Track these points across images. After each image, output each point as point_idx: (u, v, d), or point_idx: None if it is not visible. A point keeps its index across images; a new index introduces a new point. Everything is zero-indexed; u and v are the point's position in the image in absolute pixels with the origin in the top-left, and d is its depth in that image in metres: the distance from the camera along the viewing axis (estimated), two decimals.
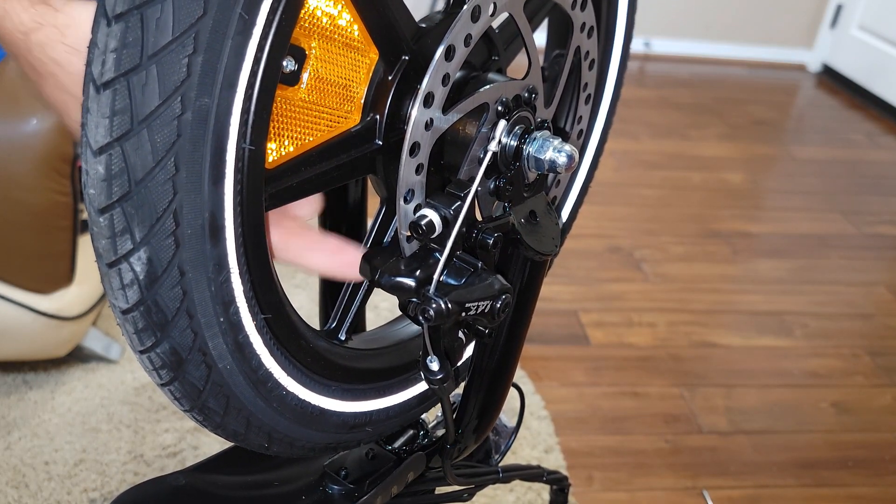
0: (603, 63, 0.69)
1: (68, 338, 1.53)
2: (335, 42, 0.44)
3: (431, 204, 0.48)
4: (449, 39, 0.45)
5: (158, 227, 0.36)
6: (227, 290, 0.40)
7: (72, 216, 1.41)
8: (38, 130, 1.33)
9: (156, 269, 0.37)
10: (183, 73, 0.34)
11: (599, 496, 1.52)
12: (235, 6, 0.35)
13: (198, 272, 0.38)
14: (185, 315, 0.39)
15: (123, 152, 0.34)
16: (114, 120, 0.34)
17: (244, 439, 0.46)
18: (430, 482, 0.67)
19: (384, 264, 0.48)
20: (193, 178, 0.36)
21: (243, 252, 0.40)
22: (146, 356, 0.40)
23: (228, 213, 0.38)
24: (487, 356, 0.59)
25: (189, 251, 0.37)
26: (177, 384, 0.41)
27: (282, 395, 0.46)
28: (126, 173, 0.35)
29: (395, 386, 0.57)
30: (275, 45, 0.38)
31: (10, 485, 1.39)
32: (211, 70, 0.34)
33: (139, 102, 0.34)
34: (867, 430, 1.75)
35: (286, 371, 0.46)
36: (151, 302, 0.38)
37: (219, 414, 0.43)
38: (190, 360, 0.40)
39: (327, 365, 0.49)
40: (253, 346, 0.43)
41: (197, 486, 0.57)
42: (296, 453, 0.50)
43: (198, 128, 0.35)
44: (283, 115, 0.43)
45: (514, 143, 0.50)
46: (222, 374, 0.42)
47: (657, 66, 3.74)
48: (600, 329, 1.96)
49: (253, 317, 0.42)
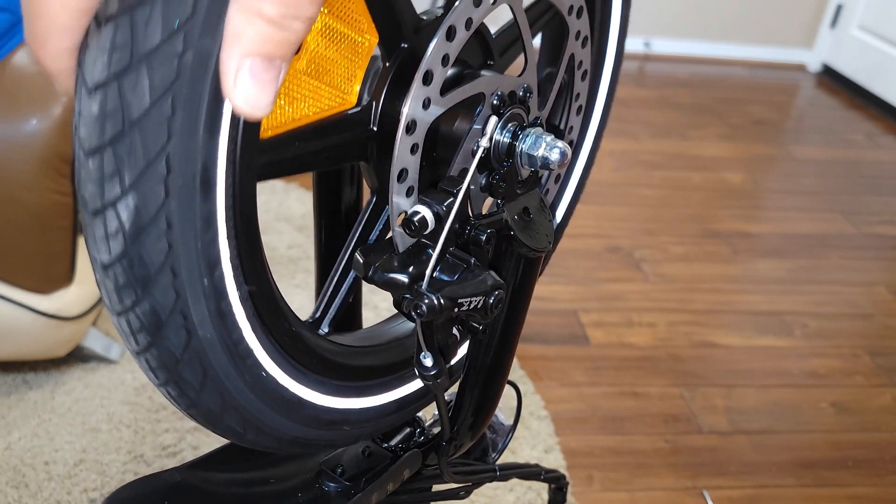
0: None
1: (68, 338, 1.53)
2: (336, 17, 0.45)
3: (424, 200, 0.48)
4: (451, 20, 0.45)
5: (149, 172, 0.35)
6: (214, 251, 0.39)
7: (72, 216, 1.42)
8: (38, 130, 1.34)
9: (142, 218, 0.36)
10: (188, 10, 0.33)
11: (599, 496, 1.52)
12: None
13: (185, 226, 0.37)
14: (169, 272, 0.38)
15: (120, 89, 0.34)
16: (113, 55, 0.33)
17: (218, 420, 0.45)
18: (427, 480, 0.67)
19: (377, 261, 0.48)
20: (189, 122, 0.35)
21: (232, 215, 0.39)
22: (124, 317, 0.39)
23: (221, 169, 0.38)
24: (482, 353, 0.59)
25: (178, 202, 0.36)
26: (154, 351, 0.40)
27: (260, 375, 0.45)
28: (121, 111, 0.34)
29: (374, 388, 0.56)
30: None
31: (10, 485, 1.39)
32: (216, 9, 0.33)
33: (140, 38, 0.33)
34: (867, 430, 1.75)
35: (266, 351, 0.45)
36: (135, 255, 0.37)
37: (194, 388, 0.42)
38: (169, 324, 0.39)
39: (308, 353, 0.49)
40: (235, 317, 0.42)
41: (192, 482, 0.57)
42: (271, 446, 0.49)
43: (198, 69, 0.34)
44: (282, 85, 0.44)
45: (507, 139, 0.51)
46: (202, 342, 0.41)
47: (657, 66, 3.74)
48: (600, 329, 1.96)
49: (237, 285, 0.41)
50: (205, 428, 0.47)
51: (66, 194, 1.39)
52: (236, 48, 0.31)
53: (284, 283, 1.92)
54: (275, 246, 2.09)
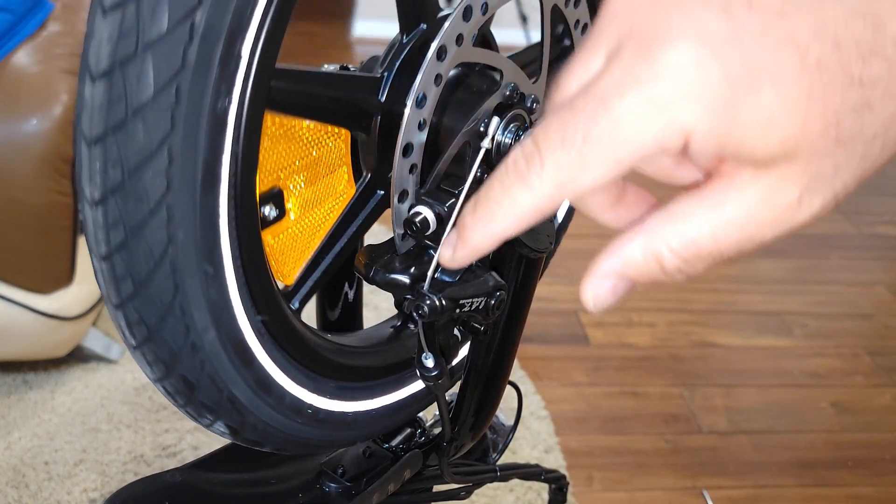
0: None
1: (68, 338, 1.53)
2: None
3: (426, 201, 0.48)
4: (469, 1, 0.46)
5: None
6: (215, 176, 0.40)
7: (72, 216, 1.42)
8: (38, 130, 1.34)
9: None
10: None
11: (599, 496, 1.52)
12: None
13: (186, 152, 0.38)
14: (164, 211, 0.38)
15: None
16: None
17: (196, 393, 0.44)
18: (428, 480, 0.67)
19: (379, 261, 0.48)
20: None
21: (240, 143, 0.40)
22: (108, 262, 0.40)
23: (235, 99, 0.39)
24: (483, 353, 0.59)
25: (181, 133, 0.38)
26: (136, 302, 0.40)
27: (241, 340, 0.45)
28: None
29: (355, 391, 0.56)
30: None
31: (10, 485, 1.39)
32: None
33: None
34: (867, 430, 1.75)
35: (248, 315, 0.45)
36: (130, 189, 0.38)
37: (173, 351, 0.42)
38: (158, 273, 0.39)
39: (284, 325, 0.48)
40: (224, 269, 0.42)
41: (193, 483, 0.57)
42: (246, 431, 0.48)
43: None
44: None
45: (509, 140, 0.51)
46: (186, 292, 0.41)
47: None
48: (600, 329, 1.96)
49: (229, 231, 0.42)
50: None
51: (66, 194, 1.39)
52: (620, 266, 0.31)
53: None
54: None
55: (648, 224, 0.31)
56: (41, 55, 1.42)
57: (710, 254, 0.30)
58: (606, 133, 0.27)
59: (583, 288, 0.32)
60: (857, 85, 0.26)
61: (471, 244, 0.32)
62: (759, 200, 0.28)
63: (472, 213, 0.32)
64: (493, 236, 0.32)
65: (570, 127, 0.28)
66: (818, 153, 0.27)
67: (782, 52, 0.26)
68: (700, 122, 0.26)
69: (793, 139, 0.26)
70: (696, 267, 0.30)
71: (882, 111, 0.26)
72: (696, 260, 0.30)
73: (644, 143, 0.27)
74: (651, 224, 0.31)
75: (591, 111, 0.27)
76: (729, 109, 0.26)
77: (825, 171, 0.27)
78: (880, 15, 0.25)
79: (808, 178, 0.27)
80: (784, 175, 0.27)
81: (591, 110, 0.27)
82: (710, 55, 0.26)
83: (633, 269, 0.31)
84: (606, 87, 0.27)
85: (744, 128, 0.26)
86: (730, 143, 0.27)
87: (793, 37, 0.26)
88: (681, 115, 0.26)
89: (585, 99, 0.28)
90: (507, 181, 0.30)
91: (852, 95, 0.26)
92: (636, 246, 0.31)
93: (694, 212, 0.30)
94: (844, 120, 0.26)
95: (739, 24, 0.26)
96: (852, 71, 0.26)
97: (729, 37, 0.26)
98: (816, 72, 0.26)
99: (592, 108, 0.27)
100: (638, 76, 0.26)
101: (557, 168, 0.28)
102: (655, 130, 0.27)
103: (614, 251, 0.32)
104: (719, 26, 0.26)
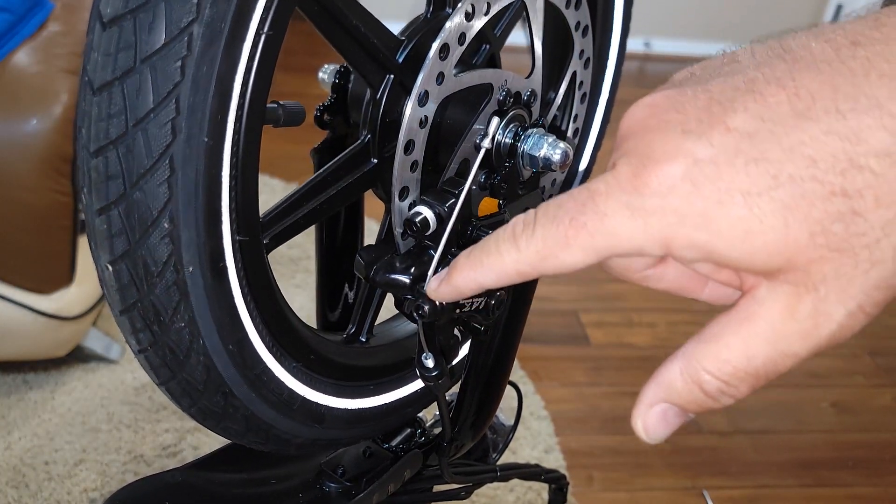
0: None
1: (68, 338, 1.53)
2: None
3: (426, 201, 0.48)
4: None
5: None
6: (218, 154, 0.40)
7: (72, 216, 1.42)
8: (38, 130, 1.34)
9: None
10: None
11: (599, 496, 1.52)
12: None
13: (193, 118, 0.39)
14: (168, 165, 0.38)
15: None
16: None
17: (181, 367, 0.44)
18: (428, 480, 0.67)
19: (379, 262, 0.48)
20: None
21: (239, 138, 0.41)
22: (104, 216, 0.40)
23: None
24: (483, 354, 0.59)
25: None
26: (126, 262, 0.40)
27: (235, 320, 0.45)
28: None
29: (339, 388, 0.56)
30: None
31: (10, 485, 1.39)
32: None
33: None
34: (867, 430, 1.75)
35: (247, 305, 0.45)
36: (131, 137, 0.38)
37: (163, 312, 0.42)
38: (155, 227, 0.39)
39: (279, 316, 0.49)
40: (224, 248, 0.42)
41: (193, 483, 0.57)
42: (233, 420, 0.48)
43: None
44: None
45: (509, 140, 0.51)
46: (180, 254, 0.41)
47: (657, 66, 3.74)
48: (600, 329, 1.96)
49: (229, 217, 0.42)
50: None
51: (66, 194, 1.39)
52: (663, 392, 0.33)
53: (285, 283, 1.92)
54: None
55: (685, 348, 0.32)
56: (41, 55, 1.42)
57: (746, 372, 0.31)
58: (590, 222, 0.31)
59: (632, 417, 0.34)
60: (840, 195, 0.27)
61: (454, 284, 0.36)
62: (781, 312, 0.30)
63: (466, 254, 0.36)
64: (474, 282, 0.36)
65: (562, 208, 0.32)
66: (814, 260, 0.28)
67: (753, 169, 0.28)
68: (676, 232, 0.29)
69: (778, 247, 0.28)
70: (740, 388, 0.31)
71: (875, 218, 0.28)
72: (736, 381, 0.31)
73: (621, 239, 0.30)
74: (687, 347, 0.32)
75: (583, 200, 0.31)
76: (703, 222, 0.29)
77: (832, 278, 0.28)
78: (859, 131, 0.27)
79: (816, 285, 0.29)
80: (794, 283, 0.29)
81: (582, 200, 0.31)
82: (689, 175, 0.29)
83: (676, 396, 0.33)
84: (599, 186, 0.31)
85: (724, 239, 0.29)
86: (714, 252, 0.29)
87: (764, 155, 0.28)
88: (656, 223, 0.30)
89: (581, 190, 0.31)
90: (502, 238, 0.34)
91: (835, 205, 0.28)
92: (675, 372, 0.32)
93: (724, 330, 0.31)
94: (831, 227, 0.28)
95: (716, 147, 0.29)
96: (832, 183, 0.27)
97: (708, 159, 0.29)
98: (790, 185, 0.28)
99: (584, 199, 0.31)
100: (625, 185, 0.30)
101: (544, 240, 0.32)
102: (632, 231, 0.30)
103: (657, 378, 0.33)
104: (702, 151, 0.29)
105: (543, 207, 0.33)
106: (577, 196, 0.31)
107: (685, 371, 0.32)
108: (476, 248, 0.35)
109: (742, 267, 0.30)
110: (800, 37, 0.31)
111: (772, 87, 0.29)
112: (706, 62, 0.33)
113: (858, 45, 0.28)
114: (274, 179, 2.35)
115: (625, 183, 0.30)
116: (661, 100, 0.31)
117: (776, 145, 0.28)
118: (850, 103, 0.27)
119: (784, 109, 0.28)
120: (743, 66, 0.31)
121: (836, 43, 0.29)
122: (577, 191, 0.32)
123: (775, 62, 0.30)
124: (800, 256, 0.28)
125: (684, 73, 0.34)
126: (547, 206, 0.33)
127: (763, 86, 0.29)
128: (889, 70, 0.27)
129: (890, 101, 0.27)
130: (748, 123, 0.29)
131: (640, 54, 3.78)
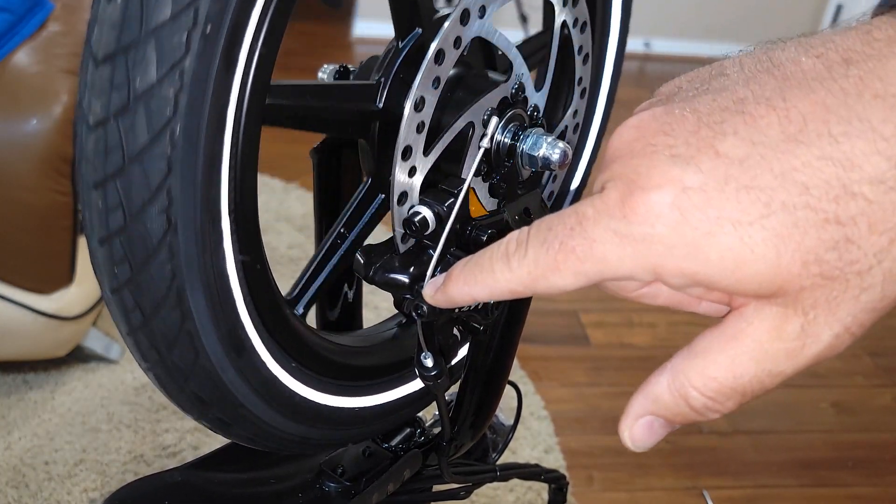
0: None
1: (68, 338, 1.53)
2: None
3: (425, 201, 0.48)
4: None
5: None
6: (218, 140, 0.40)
7: (72, 216, 1.42)
8: (38, 130, 1.34)
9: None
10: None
11: (599, 496, 1.52)
12: None
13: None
14: (169, 141, 0.38)
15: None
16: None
17: (170, 348, 0.44)
18: (428, 480, 0.67)
19: (378, 261, 0.48)
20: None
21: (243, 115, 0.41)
22: (101, 191, 0.39)
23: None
24: (482, 353, 0.59)
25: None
26: (123, 237, 0.40)
27: (229, 297, 0.45)
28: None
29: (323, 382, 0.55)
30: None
31: (10, 485, 1.39)
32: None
33: None
34: (867, 430, 1.75)
35: (240, 284, 0.45)
36: (135, 107, 0.38)
37: (153, 288, 0.41)
38: (151, 206, 0.39)
39: (265, 286, 0.49)
40: (221, 226, 0.42)
41: (193, 482, 0.57)
42: (224, 407, 0.48)
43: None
44: None
45: (508, 140, 0.51)
46: (177, 227, 0.40)
47: (657, 66, 3.74)
48: (600, 329, 1.96)
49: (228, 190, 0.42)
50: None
51: (66, 194, 1.39)
52: (650, 405, 0.33)
53: (285, 284, 1.92)
54: (275, 246, 2.09)
55: (673, 361, 0.32)
56: (41, 55, 1.42)
57: (732, 389, 0.31)
58: (579, 248, 0.31)
59: (619, 427, 0.34)
60: (834, 223, 0.27)
61: (448, 294, 0.37)
62: (769, 332, 0.30)
63: (462, 266, 0.36)
64: (468, 294, 0.36)
65: (553, 231, 0.31)
66: (806, 287, 0.28)
67: (744, 197, 0.28)
68: (665, 261, 0.29)
69: (769, 276, 0.28)
70: (726, 405, 0.31)
71: (868, 245, 0.27)
72: (722, 397, 0.31)
73: (610, 265, 0.30)
74: (675, 361, 0.32)
75: (572, 225, 0.31)
76: (692, 252, 0.29)
77: (821, 304, 0.28)
78: (852, 156, 0.27)
79: (805, 310, 0.29)
80: (783, 305, 0.29)
81: (570, 224, 0.31)
82: (678, 204, 0.29)
83: (663, 409, 0.33)
84: (587, 209, 0.31)
85: (713, 268, 0.29)
86: (703, 281, 0.29)
87: (755, 182, 0.28)
88: (644, 251, 0.29)
89: (570, 213, 0.31)
90: (496, 256, 0.34)
91: (829, 233, 0.27)
92: (663, 385, 0.32)
93: (711, 346, 0.31)
94: (825, 255, 0.27)
95: (706, 173, 0.28)
96: (825, 210, 0.27)
97: (697, 187, 0.28)
98: (783, 213, 0.27)
99: (573, 223, 0.31)
100: (613, 211, 0.30)
101: (535, 262, 0.32)
102: (621, 258, 0.30)
103: (644, 391, 0.33)
104: (690, 178, 0.28)
105: (536, 227, 0.33)
106: (566, 219, 0.31)
107: (672, 385, 0.32)
108: (471, 262, 0.36)
109: (732, 293, 0.30)
110: (789, 49, 0.30)
111: (762, 107, 0.28)
112: (693, 74, 0.33)
113: (851, 62, 0.28)
114: (274, 179, 2.35)
115: (613, 209, 0.30)
116: (649, 121, 0.31)
117: (767, 171, 0.28)
118: (843, 126, 0.27)
119: (775, 132, 0.28)
120: (731, 80, 0.30)
121: (827, 59, 0.28)
122: (566, 213, 0.31)
123: (764, 78, 0.29)
124: (792, 284, 0.28)
125: (671, 85, 0.34)
126: (539, 227, 0.32)
127: (753, 106, 0.28)
128: (882, 90, 0.27)
129: (883, 123, 0.26)
130: (738, 148, 0.28)
131: (640, 54, 3.78)
